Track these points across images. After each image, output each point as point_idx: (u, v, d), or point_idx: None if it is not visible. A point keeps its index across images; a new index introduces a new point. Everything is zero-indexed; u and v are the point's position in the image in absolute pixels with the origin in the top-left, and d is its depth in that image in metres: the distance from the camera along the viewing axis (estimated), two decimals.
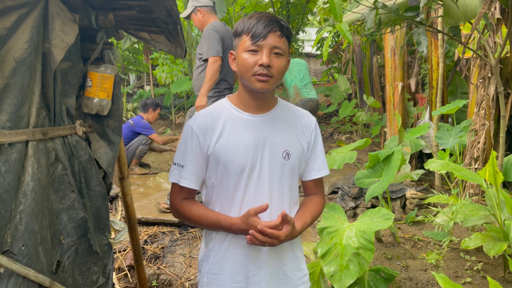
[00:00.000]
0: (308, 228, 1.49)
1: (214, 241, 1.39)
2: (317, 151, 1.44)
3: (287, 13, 9.44)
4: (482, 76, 3.57)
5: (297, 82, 4.82)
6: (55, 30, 1.26)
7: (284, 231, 1.26)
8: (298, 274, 1.43)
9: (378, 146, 6.83)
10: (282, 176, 1.35)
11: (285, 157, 1.34)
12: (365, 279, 2.21)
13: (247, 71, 1.26)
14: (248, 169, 1.31)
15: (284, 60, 1.29)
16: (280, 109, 1.40)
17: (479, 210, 2.49)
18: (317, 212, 1.44)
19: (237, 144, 1.31)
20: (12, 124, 1.14)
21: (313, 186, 1.47)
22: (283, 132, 1.36)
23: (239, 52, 1.29)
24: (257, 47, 1.24)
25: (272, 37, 1.24)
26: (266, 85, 1.26)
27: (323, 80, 11.50)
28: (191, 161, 1.34)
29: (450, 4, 3.21)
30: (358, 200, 3.78)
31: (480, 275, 2.56)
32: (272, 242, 1.25)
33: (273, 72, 1.26)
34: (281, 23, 1.27)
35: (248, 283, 1.35)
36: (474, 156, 3.62)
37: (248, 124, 1.34)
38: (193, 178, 1.35)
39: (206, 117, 1.36)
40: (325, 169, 1.46)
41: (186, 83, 7.89)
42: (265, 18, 1.26)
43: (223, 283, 1.36)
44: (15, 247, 1.13)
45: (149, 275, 2.81)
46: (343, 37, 3.09)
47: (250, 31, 1.25)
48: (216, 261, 1.38)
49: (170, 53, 1.69)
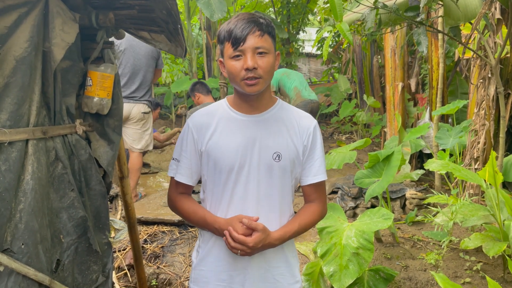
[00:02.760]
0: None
1: (203, 238, 1.42)
2: (315, 155, 1.39)
3: (288, 13, 9.44)
4: (482, 77, 3.57)
5: (298, 84, 4.84)
6: (56, 29, 1.26)
7: (252, 238, 1.24)
8: (289, 280, 1.41)
9: (378, 146, 6.83)
10: (272, 177, 1.34)
11: (276, 158, 1.33)
12: (365, 279, 2.21)
13: (235, 77, 1.26)
14: (237, 169, 1.32)
15: (270, 57, 1.27)
16: (277, 110, 1.38)
17: (479, 210, 2.49)
18: (308, 221, 1.40)
19: (228, 143, 1.32)
20: (12, 123, 1.14)
21: (311, 192, 1.43)
22: (276, 133, 1.35)
23: (225, 59, 1.29)
24: (240, 52, 1.24)
25: (251, 38, 1.23)
26: (256, 87, 1.26)
27: (323, 80, 11.50)
28: (186, 157, 1.38)
29: (450, 4, 3.21)
30: (357, 200, 3.78)
31: (480, 275, 2.56)
32: (242, 249, 1.25)
33: (261, 72, 1.25)
34: (259, 22, 1.25)
35: (232, 282, 1.36)
36: (474, 156, 3.63)
37: (240, 124, 1.34)
38: (187, 173, 1.38)
39: (203, 116, 1.39)
40: (322, 174, 1.40)
41: (186, 82, 7.89)
42: (242, 21, 1.25)
43: (208, 280, 1.38)
44: (15, 245, 1.13)
45: (149, 274, 2.81)
46: (344, 37, 3.09)
47: (230, 38, 1.25)
48: (202, 257, 1.41)
49: (170, 52, 1.69)
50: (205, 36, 9.13)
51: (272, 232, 1.31)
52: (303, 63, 14.78)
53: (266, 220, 1.32)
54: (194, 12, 9.08)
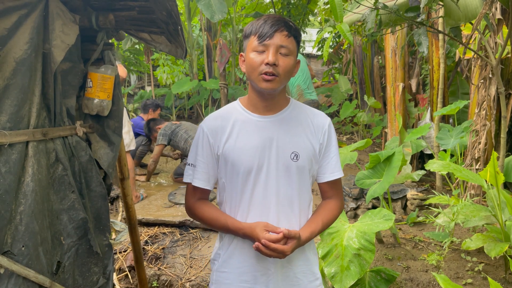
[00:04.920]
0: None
1: (224, 240, 1.41)
2: (331, 152, 1.41)
3: (288, 13, 9.44)
4: (483, 77, 3.56)
5: (301, 82, 4.83)
6: (56, 30, 1.26)
7: (289, 246, 1.26)
8: (309, 277, 1.42)
9: (379, 147, 6.82)
10: (290, 177, 1.34)
11: (294, 158, 1.33)
12: (366, 280, 2.20)
13: (254, 71, 1.27)
14: (255, 170, 1.32)
15: (291, 60, 1.28)
16: (291, 110, 1.39)
17: (480, 211, 2.49)
18: (330, 217, 1.41)
19: (245, 145, 1.32)
20: (12, 124, 1.14)
21: (328, 189, 1.44)
22: (293, 133, 1.35)
23: (247, 52, 1.29)
24: (264, 46, 1.25)
25: (278, 36, 1.24)
26: (271, 84, 1.26)
27: (324, 80, 11.50)
28: (202, 161, 1.37)
29: (450, 5, 3.21)
30: (359, 201, 3.78)
31: (481, 276, 2.55)
32: (278, 256, 1.26)
33: (279, 71, 1.25)
34: (288, 24, 1.27)
35: (255, 283, 1.35)
36: (475, 156, 3.62)
37: (256, 126, 1.34)
38: (205, 178, 1.38)
39: (216, 119, 1.38)
40: (339, 171, 1.42)
41: (186, 83, 7.90)
42: (272, 18, 1.27)
43: (231, 281, 1.37)
44: (15, 247, 1.13)
45: (150, 276, 2.81)
46: (344, 37, 3.09)
47: (257, 32, 1.26)
48: (225, 259, 1.40)
49: (170, 53, 1.68)
50: (205, 37, 9.13)
51: (302, 234, 1.31)
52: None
53: (286, 220, 1.33)
54: (194, 13, 9.09)
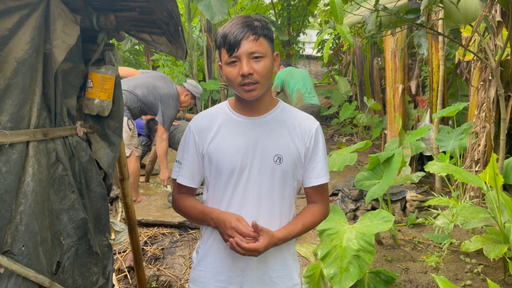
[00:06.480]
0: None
1: (202, 238, 1.43)
2: (317, 157, 1.39)
3: (288, 15, 9.45)
4: (482, 79, 3.57)
5: (300, 87, 4.83)
6: (57, 31, 1.26)
7: (261, 243, 1.24)
8: (287, 283, 1.41)
9: (379, 148, 6.82)
10: (273, 180, 1.33)
11: (277, 161, 1.32)
12: (365, 281, 2.20)
13: (233, 83, 1.27)
14: (238, 171, 1.32)
15: (267, 61, 1.25)
16: (278, 112, 1.38)
17: (480, 212, 2.49)
18: (312, 221, 1.40)
19: (229, 146, 1.32)
20: (13, 124, 1.14)
21: (313, 194, 1.43)
22: (277, 135, 1.34)
23: (223, 64, 1.29)
24: (235, 58, 1.23)
25: (245, 44, 1.22)
26: (253, 93, 1.26)
27: (324, 82, 11.50)
28: (187, 159, 1.39)
29: (450, 7, 3.21)
30: (358, 202, 3.78)
31: (480, 278, 2.55)
32: (252, 254, 1.25)
33: (257, 77, 1.24)
34: (253, 25, 1.23)
35: (230, 283, 1.36)
36: (475, 158, 3.62)
37: (241, 127, 1.34)
38: (189, 175, 1.39)
39: (204, 118, 1.39)
40: (324, 176, 1.40)
41: None
42: (235, 26, 1.23)
43: (207, 280, 1.38)
44: (15, 247, 1.13)
45: (149, 277, 2.81)
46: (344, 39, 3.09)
47: (225, 44, 1.24)
48: (201, 258, 1.41)
49: (171, 54, 1.69)
50: (205, 38, 9.14)
51: (276, 232, 1.31)
52: (304, 65, 14.80)
53: (266, 222, 1.31)
54: (194, 14, 9.09)
